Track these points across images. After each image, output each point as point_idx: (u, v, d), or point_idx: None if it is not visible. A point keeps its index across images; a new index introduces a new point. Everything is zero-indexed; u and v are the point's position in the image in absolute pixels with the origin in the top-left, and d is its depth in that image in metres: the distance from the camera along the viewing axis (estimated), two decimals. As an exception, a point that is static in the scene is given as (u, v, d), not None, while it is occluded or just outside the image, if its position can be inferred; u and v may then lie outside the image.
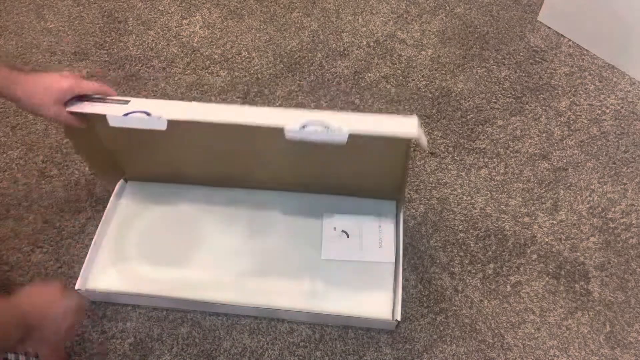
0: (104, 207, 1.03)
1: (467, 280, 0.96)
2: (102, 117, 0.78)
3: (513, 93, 1.23)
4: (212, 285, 0.91)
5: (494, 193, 1.07)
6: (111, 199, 1.00)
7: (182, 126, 0.78)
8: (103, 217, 0.97)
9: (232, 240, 0.96)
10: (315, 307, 0.88)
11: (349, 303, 0.88)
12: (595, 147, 1.13)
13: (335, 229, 0.96)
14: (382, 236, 0.95)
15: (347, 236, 0.95)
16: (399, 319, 0.85)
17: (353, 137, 0.71)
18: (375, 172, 0.89)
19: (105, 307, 0.94)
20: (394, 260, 0.92)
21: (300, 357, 0.89)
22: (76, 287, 0.89)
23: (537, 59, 1.29)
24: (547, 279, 0.96)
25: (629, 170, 1.10)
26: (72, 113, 0.78)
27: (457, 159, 1.12)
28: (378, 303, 0.88)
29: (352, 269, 0.92)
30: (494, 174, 1.10)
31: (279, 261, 0.94)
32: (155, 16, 1.40)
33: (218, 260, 0.94)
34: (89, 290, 0.90)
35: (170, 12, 1.41)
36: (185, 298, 0.89)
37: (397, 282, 0.89)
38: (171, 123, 0.76)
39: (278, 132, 0.73)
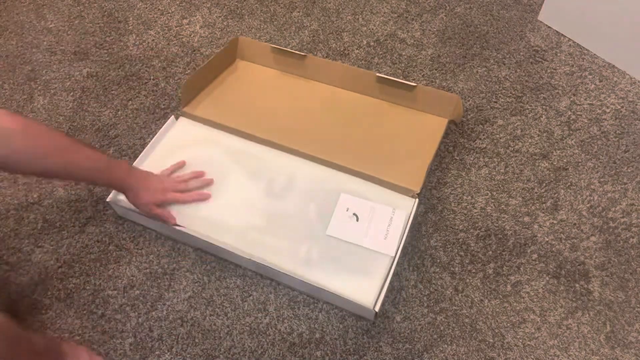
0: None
1: (468, 280, 0.96)
2: None
3: (513, 92, 1.23)
4: (217, 227, 0.96)
5: (494, 192, 1.07)
6: (160, 130, 1.09)
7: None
8: (148, 145, 1.06)
9: (249, 195, 1.01)
10: (303, 275, 0.90)
11: (336, 280, 0.90)
12: (596, 146, 1.13)
13: (347, 210, 0.97)
14: (390, 229, 0.95)
15: (357, 220, 0.96)
16: (377, 310, 0.86)
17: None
18: (408, 146, 1.05)
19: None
20: (394, 254, 0.93)
21: (301, 357, 0.89)
22: (108, 200, 0.99)
23: (538, 59, 1.29)
24: (547, 278, 0.96)
25: (629, 170, 1.10)
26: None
27: (457, 158, 1.12)
28: (364, 289, 0.89)
29: (350, 251, 0.93)
30: (494, 173, 1.10)
31: (285, 224, 0.97)
32: (155, 16, 1.40)
33: (231, 207, 0.99)
34: (118, 200, 0.99)
35: (170, 11, 1.41)
36: (190, 233, 0.95)
37: (389, 277, 0.90)
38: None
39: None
